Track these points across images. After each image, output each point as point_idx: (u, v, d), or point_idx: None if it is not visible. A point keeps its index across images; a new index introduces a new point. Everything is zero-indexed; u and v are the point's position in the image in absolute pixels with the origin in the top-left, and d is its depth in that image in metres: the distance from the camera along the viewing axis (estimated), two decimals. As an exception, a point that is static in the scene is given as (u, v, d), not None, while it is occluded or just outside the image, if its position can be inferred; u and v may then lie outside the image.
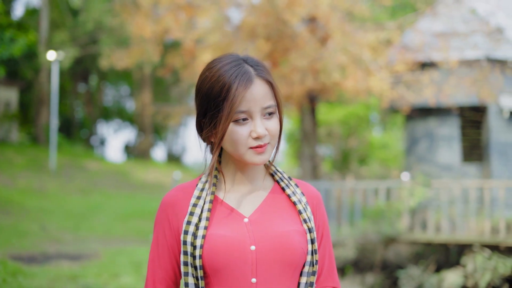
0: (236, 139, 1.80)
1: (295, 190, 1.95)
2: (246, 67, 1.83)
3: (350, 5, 13.16)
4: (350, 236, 12.13)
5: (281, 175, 1.97)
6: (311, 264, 1.88)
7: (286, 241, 1.82)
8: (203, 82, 1.85)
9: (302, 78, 13.04)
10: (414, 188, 12.49)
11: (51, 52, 20.92)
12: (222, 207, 1.88)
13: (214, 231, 1.81)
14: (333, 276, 1.99)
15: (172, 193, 1.92)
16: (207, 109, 1.83)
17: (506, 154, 14.81)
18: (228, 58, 1.86)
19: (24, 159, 20.74)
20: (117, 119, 41.65)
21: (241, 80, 1.80)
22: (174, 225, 1.88)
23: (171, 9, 13.46)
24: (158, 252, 1.91)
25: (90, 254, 9.86)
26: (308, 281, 1.88)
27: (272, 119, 1.84)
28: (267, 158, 1.84)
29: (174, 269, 1.90)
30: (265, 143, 1.82)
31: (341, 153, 23.93)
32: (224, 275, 1.79)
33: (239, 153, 1.82)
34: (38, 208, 14.47)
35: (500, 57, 14.44)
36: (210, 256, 1.78)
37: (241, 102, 1.79)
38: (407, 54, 13.93)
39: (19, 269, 7.30)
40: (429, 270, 12.03)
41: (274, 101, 1.85)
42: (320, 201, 2.01)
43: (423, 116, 15.42)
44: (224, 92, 1.79)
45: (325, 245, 1.98)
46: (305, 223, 1.89)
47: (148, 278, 1.93)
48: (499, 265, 11.02)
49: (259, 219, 1.86)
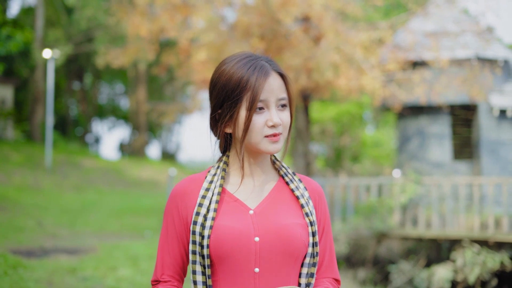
0: (253, 127, 1.89)
1: (298, 185, 2.04)
2: (262, 62, 1.94)
3: (342, 5, 13.34)
4: (342, 232, 12.33)
5: (285, 170, 2.07)
6: (312, 255, 1.96)
7: (288, 233, 1.90)
8: (220, 75, 1.94)
9: (296, 76, 13.22)
10: (405, 184, 12.70)
11: (46, 50, 21.02)
12: (230, 199, 1.96)
13: (221, 222, 1.89)
14: (333, 268, 2.07)
15: (183, 183, 2.02)
16: (225, 100, 1.92)
17: (496, 151, 15.02)
18: (242, 55, 1.97)
19: (19, 156, 20.84)
20: (112, 117, 41.72)
21: (260, 72, 1.90)
22: (183, 214, 1.96)
23: (166, 8, 13.61)
24: (167, 239, 1.99)
25: (87, 248, 10.01)
26: (309, 272, 1.96)
27: (284, 111, 1.95)
28: (280, 147, 1.94)
29: (182, 256, 1.98)
30: (279, 132, 1.92)
31: (334, 151, 24.12)
32: (229, 264, 1.88)
33: (255, 141, 1.92)
34: (34, 205, 14.60)
35: (490, 56, 14.67)
36: (216, 245, 1.86)
37: (261, 92, 1.89)
38: (398, 53, 14.13)
39: (19, 262, 7.45)
40: (419, 265, 12.25)
41: (287, 95, 1.96)
42: (322, 196, 2.09)
43: (414, 114, 15.62)
44: (243, 82, 1.89)
45: (326, 238, 2.06)
46: (307, 217, 1.97)
47: (157, 264, 2.02)
48: (488, 260, 11.24)
49: (263, 212, 1.94)
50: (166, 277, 1.98)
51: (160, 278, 1.98)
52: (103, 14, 22.63)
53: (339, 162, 23.79)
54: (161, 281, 1.98)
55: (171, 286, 1.97)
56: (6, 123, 25.02)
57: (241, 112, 1.90)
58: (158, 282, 1.99)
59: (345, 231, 12.36)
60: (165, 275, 1.98)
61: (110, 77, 37.71)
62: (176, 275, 1.99)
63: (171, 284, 1.98)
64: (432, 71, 14.46)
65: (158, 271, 1.99)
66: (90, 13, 23.53)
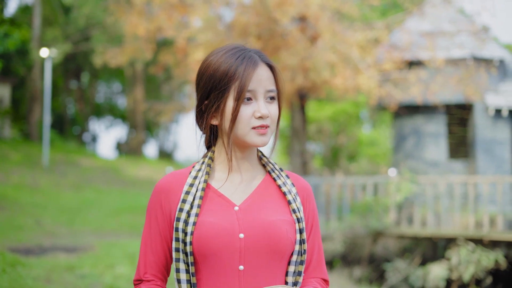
0: (241, 118, 1.84)
1: (285, 181, 1.97)
2: (251, 53, 1.90)
3: (339, 4, 13.43)
4: (338, 230, 12.41)
5: (272, 166, 2.01)
6: (299, 253, 1.90)
7: (274, 230, 1.84)
8: (207, 66, 1.89)
9: (292, 76, 13.30)
10: (400, 183, 12.78)
11: (43, 49, 21.07)
12: (214, 195, 1.90)
13: (205, 218, 1.83)
14: (322, 267, 2.01)
15: (166, 179, 1.94)
16: (211, 90, 1.87)
17: (491, 150, 15.11)
18: (231, 46, 1.92)
19: (17, 155, 20.89)
20: (109, 116, 41.77)
21: (248, 62, 1.85)
22: (166, 211, 1.90)
23: (164, 7, 13.68)
24: (150, 236, 1.92)
25: (85, 246, 10.08)
26: (296, 270, 1.90)
27: (273, 104, 1.89)
28: (267, 140, 1.88)
29: (166, 253, 1.91)
30: (267, 124, 1.86)
31: (330, 150, 24.20)
32: (212, 262, 1.82)
33: (241, 133, 1.86)
34: (32, 203, 14.65)
35: (486, 56, 14.75)
36: (199, 242, 1.80)
37: (249, 82, 1.84)
38: (395, 53, 14.22)
39: (17, 260, 7.53)
40: (414, 263, 12.34)
41: (276, 87, 1.91)
42: (310, 194, 2.02)
43: (410, 113, 15.71)
44: (231, 72, 1.84)
45: (314, 237, 1.99)
46: (294, 213, 1.91)
47: (139, 262, 1.94)
48: (483, 258, 11.33)
49: (249, 208, 1.88)
50: (149, 276, 1.91)
51: (143, 277, 1.91)
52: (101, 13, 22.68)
53: (335, 161, 23.88)
54: (144, 280, 1.91)
55: (154, 285, 1.90)
56: (3, 122, 25.06)
57: (228, 102, 1.84)
58: (141, 281, 1.92)
59: (341, 229, 12.44)
60: (148, 274, 1.91)
61: (108, 76, 37.75)
62: (159, 274, 1.92)
63: (154, 283, 1.90)
64: (428, 70, 14.55)
65: (141, 270, 1.92)
66: (88, 12, 23.57)
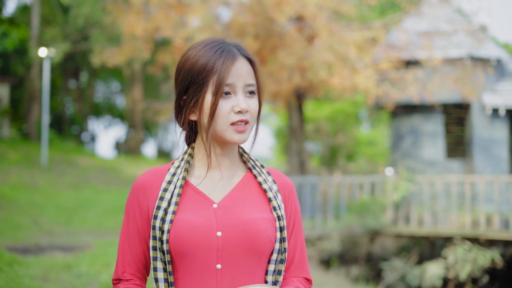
0: (219, 113, 1.80)
1: (266, 178, 1.93)
2: (230, 47, 1.85)
3: (336, 4, 13.47)
4: (335, 229, 12.45)
5: (253, 162, 1.96)
6: (279, 252, 1.85)
7: (252, 228, 1.80)
8: (186, 60, 1.85)
9: (290, 75, 13.34)
10: (397, 183, 12.82)
11: (42, 49, 21.09)
12: (193, 192, 1.86)
13: (182, 216, 1.79)
14: (304, 267, 1.96)
15: (144, 176, 1.90)
16: (190, 84, 1.82)
17: (488, 150, 15.16)
18: (210, 40, 1.87)
19: (15, 154, 20.91)
20: (108, 115, 41.78)
21: (227, 55, 1.81)
22: (144, 209, 1.86)
23: (161, 7, 13.71)
24: (128, 235, 1.88)
25: (82, 245, 10.11)
26: (276, 269, 1.86)
27: (253, 99, 1.85)
28: (246, 137, 1.84)
29: (144, 252, 1.87)
30: (246, 119, 1.82)
31: (329, 149, 24.25)
32: (189, 260, 1.78)
33: (220, 129, 1.81)
34: (30, 203, 14.68)
35: (483, 55, 14.80)
36: (176, 241, 1.77)
37: (227, 75, 1.79)
38: (392, 52, 14.27)
39: (14, 259, 7.55)
40: (411, 262, 12.37)
41: (256, 82, 1.86)
42: (292, 191, 1.97)
43: (408, 113, 15.75)
44: (209, 66, 1.79)
45: (296, 236, 1.95)
46: (275, 211, 1.86)
47: (118, 261, 1.90)
48: (479, 257, 11.38)
49: (228, 205, 1.84)
50: (128, 275, 1.86)
51: (121, 276, 1.87)
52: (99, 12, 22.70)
53: (334, 160, 23.92)
54: (123, 279, 1.87)
55: (133, 285, 1.86)
56: (2, 121, 25.09)
57: (206, 96, 1.80)
58: (119, 280, 1.88)
59: (338, 228, 12.48)
60: (126, 273, 1.87)
61: (106, 76, 37.76)
62: (138, 273, 1.88)
63: (133, 282, 1.86)
64: (425, 70, 14.59)
65: (119, 269, 1.88)
66: (86, 12, 23.59)
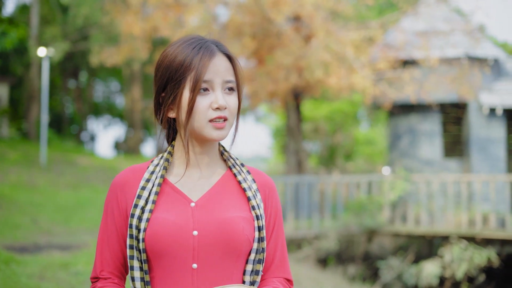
0: (197, 109, 1.79)
1: (246, 176, 1.91)
2: (208, 43, 1.84)
3: (333, 4, 13.51)
4: (332, 228, 12.50)
5: (233, 161, 1.95)
6: (257, 251, 1.83)
7: (229, 228, 1.79)
8: (164, 57, 1.84)
9: (287, 75, 13.38)
10: (394, 182, 12.87)
11: (41, 49, 21.13)
12: (171, 190, 1.85)
13: (158, 214, 1.78)
14: (285, 266, 1.94)
15: (122, 174, 1.89)
16: (168, 81, 1.82)
17: (485, 149, 15.19)
18: (189, 37, 1.87)
19: (15, 154, 20.95)
20: (107, 115, 41.81)
21: (205, 51, 1.80)
22: (122, 207, 1.85)
23: (159, 7, 13.76)
24: (106, 233, 1.87)
25: (80, 244, 10.15)
26: (254, 269, 1.84)
27: (232, 95, 1.83)
28: (225, 134, 1.82)
29: (123, 251, 1.86)
30: (225, 116, 1.80)
31: (327, 149, 24.29)
32: (165, 259, 1.77)
33: (198, 126, 1.80)
34: (29, 202, 14.72)
35: (480, 55, 14.83)
36: (152, 239, 1.76)
37: (205, 72, 1.78)
38: (389, 52, 14.31)
39: (12, 258, 7.60)
40: (408, 261, 12.42)
41: (235, 79, 1.85)
42: (272, 190, 1.95)
43: (405, 112, 15.80)
44: (187, 62, 1.79)
45: (277, 235, 1.93)
46: (253, 210, 1.85)
47: (96, 260, 1.88)
48: (475, 255, 11.43)
49: (206, 204, 1.83)
50: (106, 274, 1.86)
51: (99, 274, 1.86)
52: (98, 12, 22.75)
53: (332, 160, 23.97)
54: (101, 278, 1.86)
55: (111, 283, 1.85)
56: (1, 121, 25.14)
57: (184, 93, 1.79)
58: (98, 279, 1.87)
59: (335, 227, 12.53)
60: (104, 271, 1.86)
61: (106, 75, 37.80)
62: (116, 271, 1.87)
63: (111, 281, 1.85)
64: (422, 70, 14.64)
65: (98, 268, 1.86)
66: (86, 12, 23.63)
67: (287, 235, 12.42)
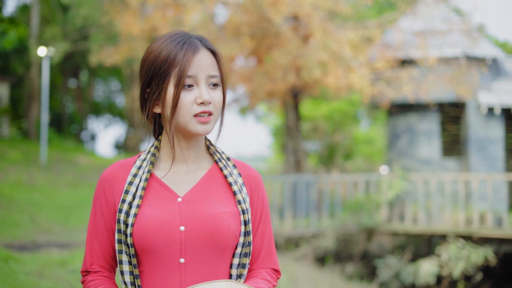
0: (181, 105, 1.80)
1: (232, 171, 1.93)
2: (192, 38, 1.86)
3: (332, 4, 13.56)
4: (330, 227, 12.55)
5: (219, 155, 1.96)
6: (243, 245, 1.86)
7: (215, 222, 1.81)
8: (149, 53, 1.86)
9: (284, 74, 13.43)
10: (392, 181, 12.92)
11: (41, 48, 21.18)
12: (158, 185, 1.87)
13: (145, 210, 1.81)
14: (272, 257, 1.98)
15: (110, 169, 1.92)
16: (153, 77, 1.83)
17: (484, 148, 15.23)
18: (174, 33, 1.88)
19: (15, 153, 21.01)
20: (107, 114, 41.86)
21: (188, 47, 1.82)
22: (110, 201, 1.87)
23: (158, 7, 13.81)
24: (96, 228, 1.89)
25: (78, 242, 10.21)
26: (241, 262, 1.87)
27: (216, 90, 1.85)
28: (210, 128, 1.84)
29: (112, 244, 1.88)
30: (209, 110, 1.82)
31: (327, 148, 24.34)
32: (153, 254, 1.80)
33: (183, 121, 1.82)
34: (28, 201, 14.77)
35: (478, 54, 14.87)
36: (139, 235, 1.78)
37: (189, 67, 1.80)
38: (387, 51, 14.35)
39: (10, 256, 7.66)
40: (405, 259, 12.47)
41: (219, 74, 1.86)
42: (258, 184, 1.98)
43: (404, 112, 15.83)
44: (171, 58, 1.80)
45: (264, 228, 1.96)
46: (239, 205, 1.87)
47: (86, 254, 1.90)
48: (472, 254, 11.47)
49: (192, 199, 1.85)
50: (96, 267, 1.89)
51: (90, 268, 1.89)
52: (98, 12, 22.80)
53: (331, 159, 24.02)
54: (91, 271, 1.89)
55: (101, 276, 1.88)
56: (1, 120, 25.19)
57: (169, 88, 1.81)
58: (88, 272, 1.90)
59: (333, 226, 12.58)
60: (94, 265, 1.89)
61: (106, 75, 37.84)
62: (106, 265, 1.90)
63: (101, 274, 1.88)
64: (420, 69, 14.67)
65: (88, 262, 1.89)
66: (86, 12, 23.68)
67: (285, 233, 12.48)
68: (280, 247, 12.29)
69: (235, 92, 16.33)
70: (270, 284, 1.91)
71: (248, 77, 14.22)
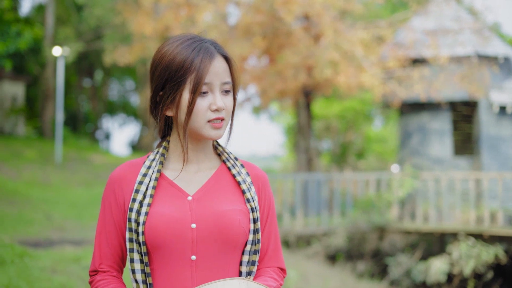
0: (196, 111, 1.82)
1: (240, 170, 1.97)
2: (207, 44, 1.87)
3: (343, 3, 13.61)
4: (341, 226, 12.61)
5: (227, 155, 1.99)
6: (253, 243, 1.90)
7: (226, 220, 1.84)
8: (163, 56, 1.86)
9: (296, 74, 13.50)
10: (403, 179, 12.95)
11: (56, 48, 21.40)
12: (168, 185, 1.90)
13: (157, 208, 1.83)
14: (278, 256, 2.01)
15: (119, 169, 1.94)
16: (167, 81, 1.84)
17: (496, 147, 15.22)
18: (186, 36, 1.89)
19: (30, 152, 21.22)
20: (122, 113, 42.07)
21: (205, 54, 1.83)
22: (120, 201, 1.89)
23: (170, 7, 13.93)
24: (104, 228, 1.91)
25: (91, 239, 10.32)
26: (250, 260, 1.91)
27: (228, 96, 1.87)
28: (222, 133, 1.87)
29: (121, 244, 1.91)
30: (222, 116, 1.85)
31: (339, 147, 24.37)
32: (165, 252, 1.82)
33: (197, 126, 1.84)
34: (43, 199, 14.94)
35: (490, 53, 14.86)
36: (151, 233, 1.80)
37: (206, 74, 1.82)
38: (399, 51, 14.38)
39: (25, 252, 7.80)
40: (416, 257, 12.51)
41: (231, 79, 1.89)
42: (265, 183, 2.01)
43: (416, 110, 15.85)
44: (187, 64, 1.81)
45: (270, 226, 2.00)
46: (248, 203, 1.91)
47: (94, 253, 1.92)
48: (483, 252, 11.49)
49: (202, 198, 1.88)
50: (105, 267, 1.91)
51: (98, 268, 1.91)
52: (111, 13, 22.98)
53: (344, 158, 24.05)
54: (100, 271, 1.91)
55: (110, 276, 1.91)
56: (17, 120, 25.47)
57: (184, 94, 1.83)
58: (97, 272, 1.92)
59: (344, 224, 12.64)
60: (103, 264, 1.91)
61: (120, 74, 38.05)
62: (115, 264, 1.92)
63: (109, 274, 1.91)
64: (431, 68, 14.69)
65: (96, 261, 1.91)
66: (99, 12, 23.87)
67: (296, 231, 12.56)
68: (292, 245, 12.38)
69: (246, 92, 16.42)
70: (277, 282, 1.95)
71: (259, 77, 14.31)
